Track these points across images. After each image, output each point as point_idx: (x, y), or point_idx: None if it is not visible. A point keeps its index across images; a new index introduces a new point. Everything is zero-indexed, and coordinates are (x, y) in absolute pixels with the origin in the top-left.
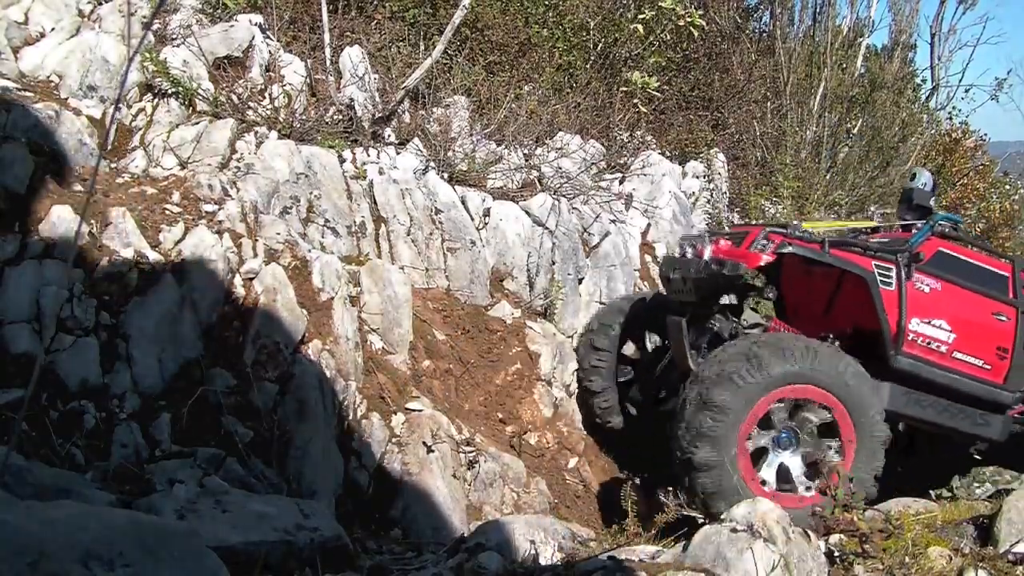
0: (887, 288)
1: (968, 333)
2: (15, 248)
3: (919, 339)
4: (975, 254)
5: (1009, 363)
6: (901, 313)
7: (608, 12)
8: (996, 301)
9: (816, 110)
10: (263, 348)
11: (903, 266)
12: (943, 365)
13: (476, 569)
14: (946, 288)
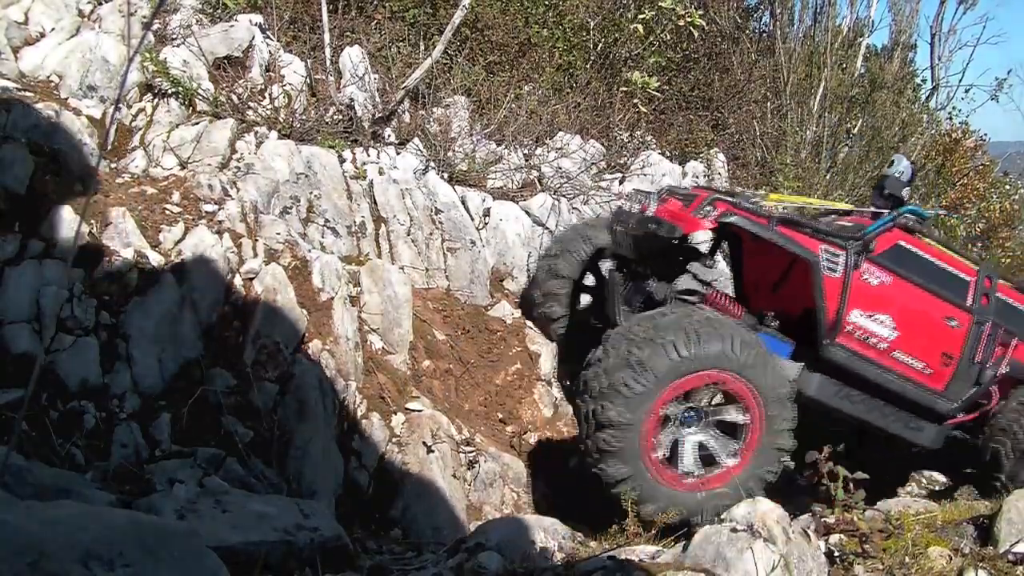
0: (831, 275)
1: (912, 333)
2: (15, 248)
3: (857, 332)
4: (939, 253)
5: (953, 371)
6: (841, 302)
7: (608, 12)
8: (950, 304)
9: (816, 110)
10: (263, 348)
11: (853, 254)
12: (879, 362)
13: (476, 569)
14: (897, 283)
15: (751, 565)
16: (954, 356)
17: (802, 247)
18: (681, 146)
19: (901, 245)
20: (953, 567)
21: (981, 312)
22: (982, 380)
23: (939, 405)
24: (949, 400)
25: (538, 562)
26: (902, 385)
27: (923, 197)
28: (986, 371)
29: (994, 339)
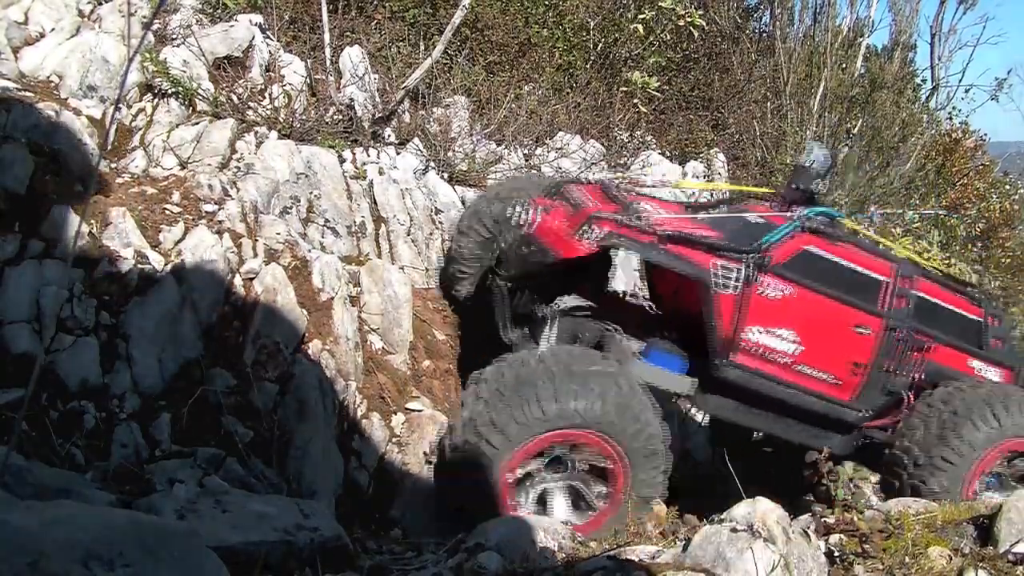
0: (724, 292)
1: (818, 346)
2: (15, 248)
3: (755, 349)
4: (851, 254)
5: (862, 379)
6: (736, 320)
7: (608, 12)
8: (860, 311)
9: (816, 110)
10: (263, 348)
11: (750, 267)
12: (781, 378)
13: (476, 569)
14: (800, 295)
15: (751, 565)
16: (864, 364)
17: (691, 264)
18: (681, 146)
19: (807, 251)
20: (953, 567)
21: (894, 316)
22: (893, 387)
23: (847, 415)
24: (858, 410)
25: (538, 562)
26: (806, 399)
27: (923, 197)
28: (898, 378)
29: (908, 344)
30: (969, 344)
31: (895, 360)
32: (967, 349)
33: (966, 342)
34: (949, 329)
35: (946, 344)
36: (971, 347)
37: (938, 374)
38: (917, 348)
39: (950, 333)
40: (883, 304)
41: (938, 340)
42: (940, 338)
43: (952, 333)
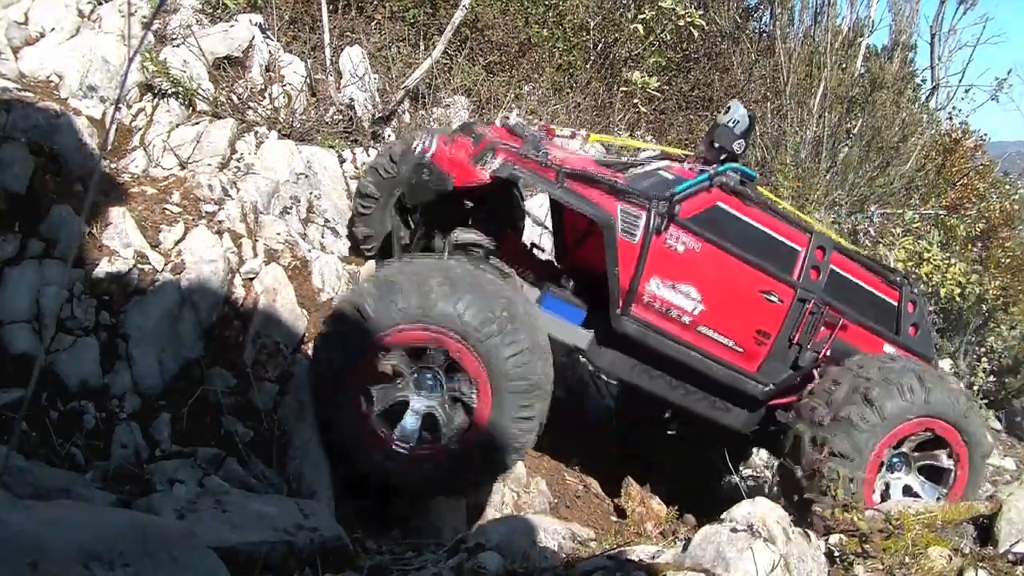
0: (628, 238)
1: (722, 307)
2: (15, 248)
3: (656, 303)
4: (767, 218)
5: (768, 350)
6: (638, 270)
7: (608, 12)
8: (770, 277)
9: (816, 110)
10: (263, 348)
11: (656, 216)
12: (680, 339)
13: (476, 569)
14: (707, 251)
15: (751, 565)
16: (771, 334)
17: (594, 206)
18: (681, 146)
19: (719, 207)
20: (953, 567)
21: (807, 287)
22: (801, 362)
23: (750, 387)
24: (762, 382)
25: (538, 562)
26: (707, 364)
27: (923, 197)
28: (806, 353)
29: (818, 318)
30: (884, 328)
31: (804, 333)
32: (881, 332)
33: (881, 325)
34: (864, 309)
35: (859, 324)
36: (886, 331)
37: (847, 354)
38: (828, 324)
39: (864, 313)
40: (796, 273)
41: (851, 318)
42: (853, 316)
43: (867, 314)
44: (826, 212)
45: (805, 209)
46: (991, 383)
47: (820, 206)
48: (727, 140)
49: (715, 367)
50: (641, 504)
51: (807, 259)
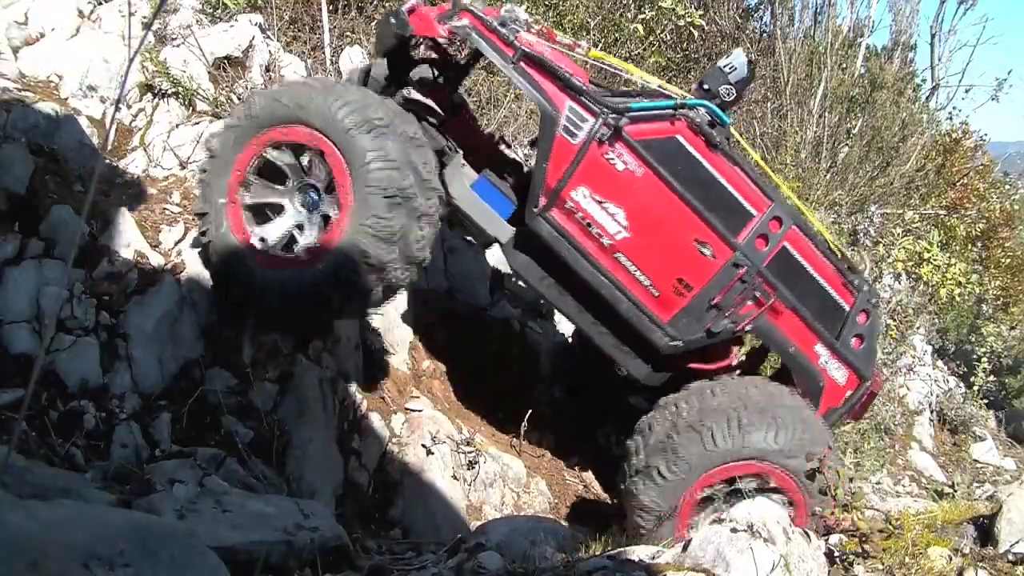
0: (568, 138)
1: (647, 242)
2: (15, 248)
3: (577, 213)
4: (729, 171)
5: (685, 303)
6: (568, 173)
7: (608, 12)
8: (710, 229)
9: (816, 110)
10: (262, 348)
11: (605, 126)
12: (595, 259)
13: (476, 569)
14: (648, 179)
15: (751, 565)
16: (693, 288)
17: (543, 96)
18: None
19: (678, 141)
20: (953, 567)
21: (747, 253)
22: (715, 328)
23: (656, 336)
24: (670, 335)
25: (538, 562)
26: (616, 297)
27: (923, 197)
28: (722, 321)
29: (749, 289)
30: (824, 327)
31: (727, 299)
32: (818, 330)
33: (822, 323)
34: (806, 299)
35: (795, 312)
36: (824, 331)
37: (769, 337)
38: (757, 299)
39: (806, 304)
40: (741, 236)
41: (787, 304)
42: (790, 302)
43: (808, 305)
44: (826, 212)
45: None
46: (991, 383)
47: (820, 206)
48: (715, 82)
49: (624, 303)
50: None
51: (759, 225)
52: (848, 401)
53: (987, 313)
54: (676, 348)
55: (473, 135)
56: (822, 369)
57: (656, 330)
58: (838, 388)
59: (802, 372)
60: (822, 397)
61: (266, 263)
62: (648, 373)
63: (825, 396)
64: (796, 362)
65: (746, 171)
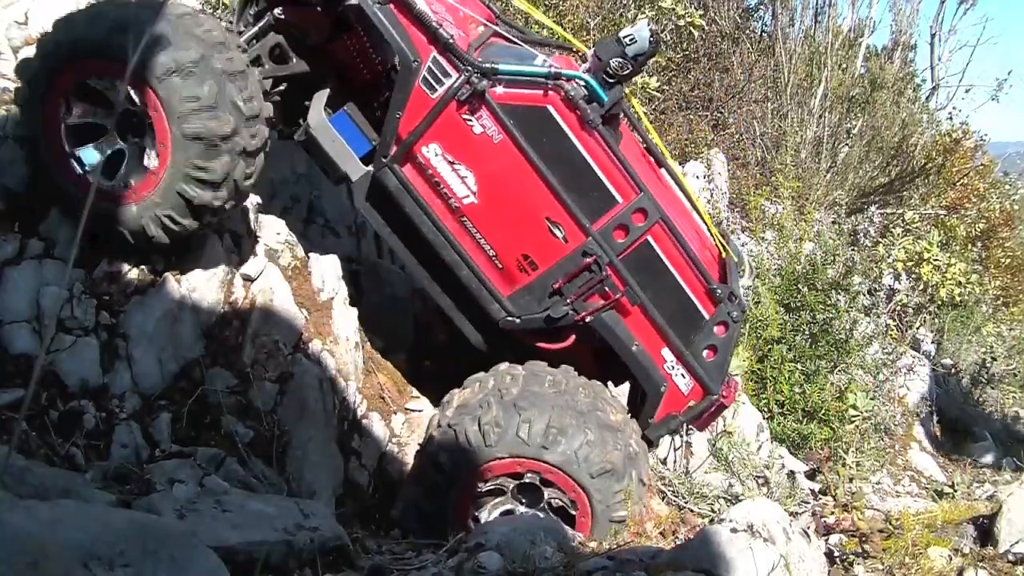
0: (426, 90)
1: (497, 212)
2: (15, 248)
3: (427, 170)
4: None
5: (528, 282)
6: (421, 127)
7: (608, 12)
8: (565, 210)
9: (816, 110)
10: (263, 348)
11: (467, 84)
12: (440, 220)
13: (476, 569)
14: (506, 147)
15: (751, 565)
16: (538, 267)
17: (406, 41)
18: (681, 146)
19: (548, 113)
20: (953, 567)
21: (602, 243)
22: (554, 315)
23: (493, 309)
24: (507, 311)
25: (538, 562)
26: (457, 262)
27: (923, 197)
28: (563, 307)
29: (596, 280)
30: (678, 333)
31: (570, 286)
32: (668, 335)
33: (675, 328)
34: (662, 301)
35: (645, 312)
36: (675, 337)
37: (611, 332)
38: (605, 292)
39: (660, 305)
40: (598, 223)
41: (637, 301)
42: (641, 300)
43: (663, 308)
44: (826, 212)
45: (805, 209)
46: (991, 383)
47: (820, 206)
48: (607, 52)
49: (465, 269)
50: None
51: (620, 215)
52: (691, 410)
53: (987, 313)
54: (512, 324)
55: (359, 60)
56: (667, 374)
57: (494, 303)
58: (681, 396)
59: (643, 374)
60: (662, 402)
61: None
62: (480, 342)
63: (665, 401)
64: (637, 363)
65: (619, 156)
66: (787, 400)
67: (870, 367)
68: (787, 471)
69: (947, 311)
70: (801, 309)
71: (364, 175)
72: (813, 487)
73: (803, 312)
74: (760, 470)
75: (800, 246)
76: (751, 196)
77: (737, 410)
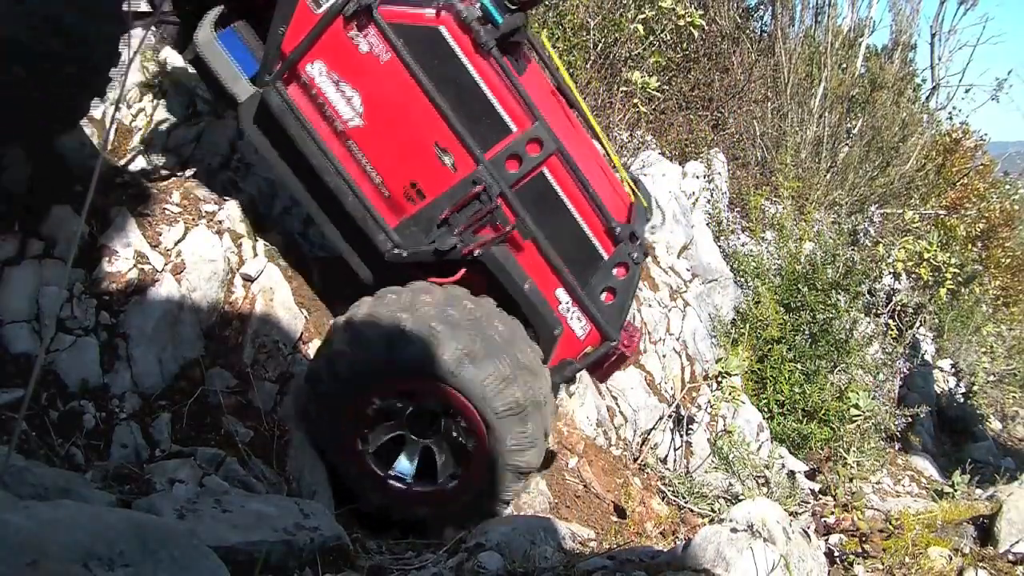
0: (312, 6)
1: (383, 136)
2: (15, 248)
3: (311, 90)
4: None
5: (414, 211)
6: (304, 44)
7: (608, 12)
8: (455, 137)
9: (816, 110)
10: (263, 348)
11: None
12: (324, 143)
13: (476, 569)
14: (393, 67)
15: (751, 565)
16: (425, 196)
17: None
18: (681, 146)
19: (438, 33)
20: (953, 567)
21: (493, 172)
22: (441, 247)
23: (379, 239)
24: (393, 242)
25: (538, 562)
26: (341, 188)
27: (923, 197)
28: (450, 239)
29: (485, 209)
30: (575, 273)
31: (459, 217)
32: (562, 274)
33: (571, 267)
34: (556, 237)
35: (538, 248)
36: (570, 276)
37: (501, 268)
38: (496, 224)
39: (554, 241)
40: (490, 152)
41: (528, 236)
42: (534, 235)
43: (556, 243)
44: (826, 212)
45: (805, 210)
46: (991, 383)
47: (820, 206)
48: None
49: (350, 197)
50: (641, 504)
51: (514, 144)
52: (587, 357)
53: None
54: (399, 257)
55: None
56: (561, 316)
57: (380, 233)
58: (576, 341)
59: (535, 314)
60: (556, 346)
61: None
62: (367, 275)
63: (560, 346)
64: (529, 302)
65: (514, 83)
66: (787, 400)
67: (870, 367)
68: (787, 471)
69: (947, 311)
70: (801, 309)
71: (252, 96)
72: (813, 487)
73: (803, 312)
74: (760, 470)
75: (800, 246)
76: (751, 196)
77: (737, 410)
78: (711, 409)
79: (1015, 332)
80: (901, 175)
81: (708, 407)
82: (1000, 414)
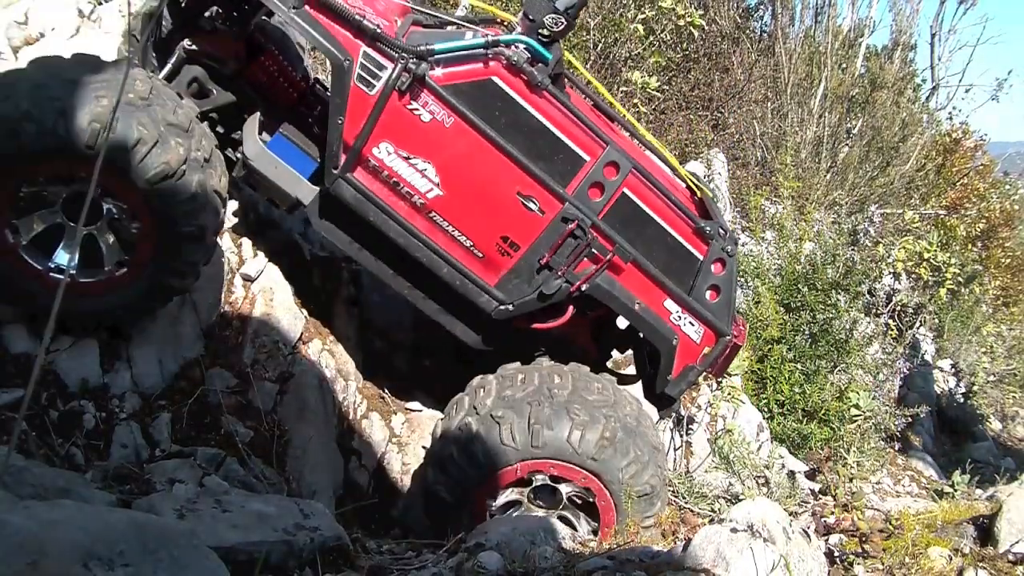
0: (363, 88)
1: (465, 199)
2: None
3: (382, 171)
4: (554, 113)
5: (513, 264)
6: (367, 128)
7: (608, 12)
8: (535, 181)
9: (816, 110)
10: (262, 348)
11: (405, 72)
12: (408, 221)
13: (476, 569)
14: (459, 129)
15: (751, 565)
16: (520, 247)
17: (332, 41)
18: (681, 146)
19: (494, 84)
20: (953, 567)
21: (579, 205)
22: (546, 289)
23: (483, 301)
24: (498, 299)
25: (538, 562)
26: (435, 260)
27: (923, 197)
28: (555, 281)
29: (582, 244)
30: (674, 281)
31: (558, 257)
32: (666, 285)
33: (671, 277)
34: (652, 251)
35: (639, 266)
36: (674, 285)
37: (610, 296)
38: (594, 255)
39: (651, 256)
40: (571, 186)
41: (628, 257)
42: (632, 255)
43: (654, 258)
44: (826, 212)
45: (805, 210)
46: (991, 383)
47: (820, 206)
48: (538, 10)
49: (445, 267)
50: None
51: (592, 173)
52: (707, 358)
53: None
54: (506, 313)
55: (281, 79)
56: (675, 326)
57: (482, 295)
58: (694, 345)
59: (650, 331)
60: (676, 356)
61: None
62: (476, 340)
63: (680, 354)
64: (643, 321)
65: (576, 113)
66: (787, 400)
67: (870, 367)
68: (787, 471)
69: (947, 311)
70: (801, 309)
71: (317, 195)
72: (813, 487)
73: (803, 312)
74: (760, 470)
75: (800, 246)
76: (751, 196)
77: (737, 410)
78: (711, 409)
79: (1015, 332)
80: (901, 175)
81: (708, 407)
82: (1000, 414)
